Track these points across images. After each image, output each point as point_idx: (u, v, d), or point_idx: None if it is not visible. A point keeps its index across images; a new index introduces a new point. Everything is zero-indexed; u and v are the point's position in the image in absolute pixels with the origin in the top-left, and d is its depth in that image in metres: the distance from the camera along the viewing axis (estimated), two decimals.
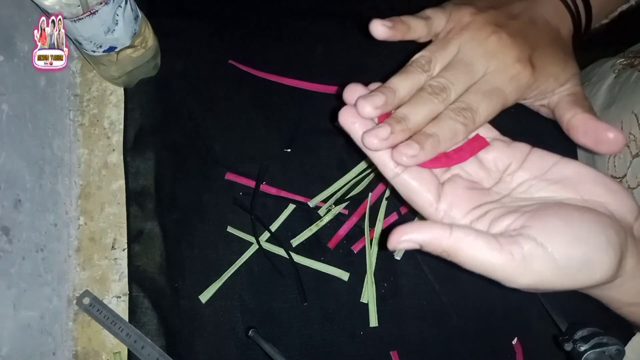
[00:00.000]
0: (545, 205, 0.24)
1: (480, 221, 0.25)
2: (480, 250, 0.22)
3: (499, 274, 0.22)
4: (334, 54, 0.52)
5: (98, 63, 0.45)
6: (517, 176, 0.26)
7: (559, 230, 0.22)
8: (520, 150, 0.27)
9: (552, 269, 0.22)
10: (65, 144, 0.48)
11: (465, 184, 0.26)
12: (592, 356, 0.35)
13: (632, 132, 0.42)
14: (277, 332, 0.44)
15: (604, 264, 0.22)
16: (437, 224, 0.23)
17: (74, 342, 0.45)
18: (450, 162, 0.27)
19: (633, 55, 0.48)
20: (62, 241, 0.46)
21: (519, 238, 0.22)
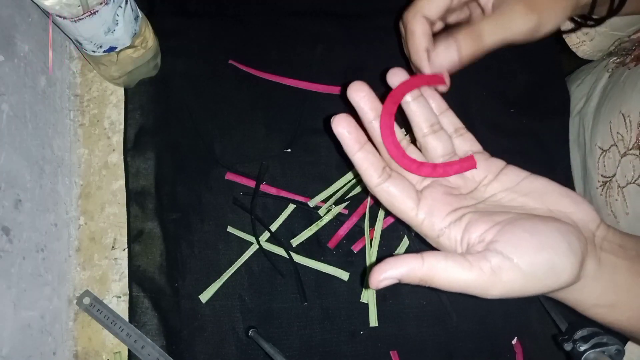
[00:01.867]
0: (514, 218, 0.26)
1: (457, 224, 0.27)
2: (452, 272, 0.24)
3: (473, 289, 0.24)
4: (334, 54, 0.52)
5: (98, 63, 0.45)
6: (491, 187, 0.29)
7: (523, 241, 0.24)
8: (496, 165, 0.30)
9: (519, 278, 0.24)
10: (65, 144, 0.48)
11: (443, 190, 0.29)
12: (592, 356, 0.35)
13: (620, 131, 0.42)
14: (277, 331, 0.45)
15: (566, 267, 0.24)
16: (409, 256, 0.25)
17: (74, 342, 0.45)
18: (435, 173, 0.29)
19: (625, 53, 0.48)
20: (63, 241, 0.46)
21: (487, 253, 0.24)
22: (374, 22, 0.54)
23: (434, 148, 0.30)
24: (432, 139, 0.30)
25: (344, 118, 0.28)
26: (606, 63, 0.50)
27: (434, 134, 0.30)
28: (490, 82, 0.52)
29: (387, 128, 0.28)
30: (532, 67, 0.53)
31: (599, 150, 0.45)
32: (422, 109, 0.30)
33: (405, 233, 0.47)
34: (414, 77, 0.30)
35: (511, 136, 0.51)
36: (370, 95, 0.29)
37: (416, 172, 0.29)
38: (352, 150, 0.28)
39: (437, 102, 0.31)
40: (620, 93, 0.44)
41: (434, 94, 0.31)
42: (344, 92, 0.29)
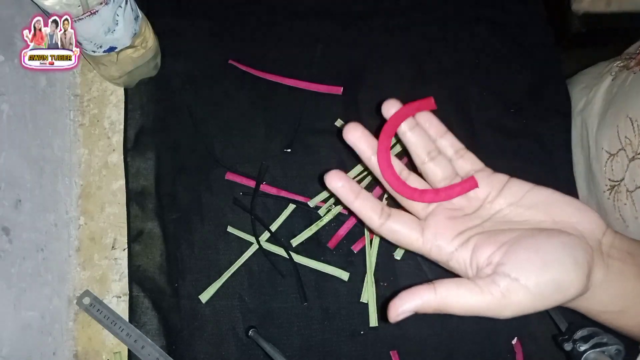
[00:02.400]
0: (519, 237, 0.26)
1: (464, 248, 0.27)
2: (464, 299, 0.25)
3: (486, 312, 0.25)
4: (334, 54, 0.52)
5: (98, 63, 0.45)
6: (496, 203, 0.29)
7: (529, 262, 0.25)
8: (499, 180, 0.30)
9: (528, 298, 0.25)
10: (65, 144, 0.48)
11: (446, 214, 0.29)
12: (592, 356, 0.35)
13: (628, 135, 0.42)
14: (277, 331, 0.45)
15: (573, 283, 0.25)
16: (422, 289, 0.26)
17: (74, 342, 0.45)
18: (437, 198, 0.30)
19: (628, 57, 0.48)
20: (63, 241, 0.46)
21: (496, 277, 0.25)
22: (373, 22, 0.54)
23: (434, 174, 0.30)
24: (431, 166, 0.30)
25: (335, 174, 0.29)
26: (609, 66, 0.50)
27: (432, 160, 0.30)
28: (491, 82, 0.52)
29: (385, 162, 0.30)
30: (533, 68, 0.53)
31: (605, 154, 0.45)
32: (418, 139, 0.31)
33: None
34: (404, 107, 0.30)
35: (511, 136, 0.51)
36: (365, 133, 0.30)
37: (419, 199, 0.30)
38: (349, 201, 0.29)
39: (435, 126, 0.31)
40: (627, 97, 0.44)
41: (431, 118, 0.31)
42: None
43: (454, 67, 0.53)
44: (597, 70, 0.53)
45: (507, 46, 0.54)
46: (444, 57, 0.53)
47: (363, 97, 0.50)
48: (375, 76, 0.52)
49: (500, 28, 0.54)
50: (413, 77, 0.52)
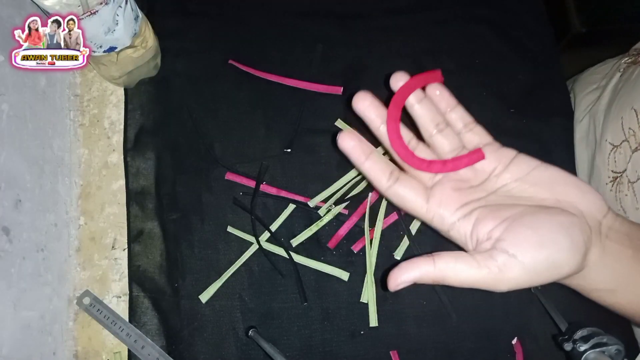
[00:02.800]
0: (520, 214, 0.27)
1: (467, 219, 0.28)
2: (462, 272, 0.26)
3: (482, 286, 0.26)
4: (334, 54, 0.52)
5: (98, 63, 0.45)
6: (502, 178, 0.29)
7: (526, 239, 0.26)
8: (506, 155, 0.30)
9: (524, 273, 0.25)
10: (65, 144, 0.48)
11: (452, 185, 0.29)
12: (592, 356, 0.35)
13: (632, 127, 0.42)
14: (277, 331, 0.45)
15: (568, 262, 0.26)
16: (421, 260, 0.27)
17: (74, 342, 0.45)
18: (445, 169, 0.30)
19: (637, 53, 0.48)
20: (63, 241, 0.46)
21: (494, 252, 0.26)
22: (373, 22, 0.54)
23: (442, 145, 0.31)
24: (439, 138, 0.31)
25: (347, 134, 0.29)
26: (618, 63, 0.51)
27: (440, 133, 0.31)
28: (491, 82, 0.52)
29: (394, 133, 0.30)
30: (533, 68, 0.53)
31: (609, 146, 0.46)
32: (426, 111, 0.31)
33: (405, 233, 0.47)
34: (413, 79, 0.30)
35: (511, 136, 0.51)
36: (374, 102, 0.30)
37: (427, 169, 0.30)
38: (360, 162, 0.30)
39: (446, 99, 0.31)
40: (632, 90, 0.44)
41: (442, 90, 0.31)
42: (348, 95, 0.30)
43: (454, 68, 0.53)
44: (606, 70, 0.53)
45: (507, 46, 0.54)
46: (444, 57, 0.53)
47: None
48: (375, 76, 0.52)
49: (500, 28, 0.54)
50: None
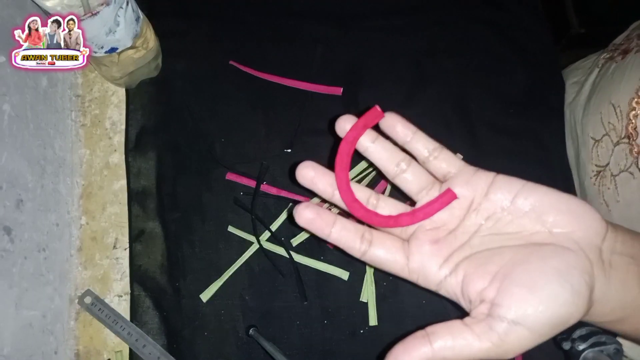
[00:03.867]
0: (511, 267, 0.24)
1: (453, 276, 0.26)
2: (463, 349, 0.24)
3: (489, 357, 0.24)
4: (334, 55, 0.52)
5: (100, 64, 0.45)
6: (482, 210, 0.26)
7: (524, 301, 0.23)
8: (482, 180, 0.26)
9: (529, 337, 0.23)
10: (67, 144, 0.49)
11: (429, 237, 0.27)
12: (590, 355, 0.35)
13: (611, 121, 0.43)
14: (277, 330, 0.45)
15: (573, 313, 0.24)
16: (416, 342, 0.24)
17: (76, 341, 0.45)
18: (414, 219, 0.27)
19: (614, 48, 0.48)
20: (64, 241, 0.46)
21: (492, 322, 0.24)
22: (373, 23, 0.54)
23: (408, 186, 0.28)
24: (403, 178, 0.28)
25: (304, 208, 0.27)
26: (597, 59, 0.51)
27: (403, 172, 0.28)
28: (490, 82, 0.53)
29: (348, 197, 0.27)
30: (531, 67, 0.53)
31: (591, 141, 0.46)
32: (382, 152, 0.28)
33: None
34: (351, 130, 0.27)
35: (510, 136, 0.51)
36: (319, 171, 0.27)
37: (395, 225, 0.27)
38: (325, 234, 0.27)
39: (401, 130, 0.27)
40: (609, 84, 0.45)
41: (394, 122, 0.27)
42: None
43: (454, 68, 0.53)
44: (587, 65, 0.53)
45: (506, 47, 0.54)
46: (443, 57, 0.53)
47: (363, 98, 0.51)
48: (375, 76, 0.52)
49: (500, 28, 0.54)
50: (412, 78, 0.52)
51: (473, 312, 0.25)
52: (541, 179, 0.27)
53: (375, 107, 0.27)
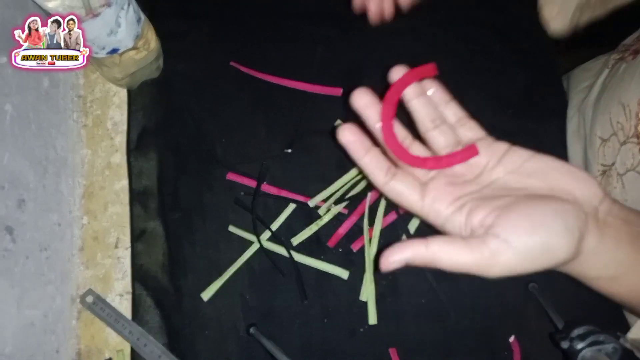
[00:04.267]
0: (513, 202, 0.27)
1: (460, 212, 0.28)
2: (454, 255, 0.26)
3: (474, 270, 0.26)
4: (334, 55, 0.53)
5: (101, 65, 0.45)
6: (496, 171, 0.30)
7: (519, 224, 0.26)
8: (499, 148, 0.30)
9: (516, 258, 0.25)
10: (68, 145, 0.49)
11: (446, 181, 0.30)
12: (589, 354, 0.36)
13: (620, 120, 0.43)
14: (277, 329, 0.45)
15: (562, 247, 0.26)
16: (415, 242, 0.27)
17: (77, 340, 0.46)
18: (439, 165, 0.30)
19: (625, 49, 0.49)
20: (66, 240, 0.47)
21: (486, 237, 0.26)
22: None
23: (437, 141, 0.31)
24: (434, 134, 0.31)
25: (348, 129, 0.30)
26: (607, 59, 0.51)
27: (436, 128, 0.31)
28: (488, 83, 0.53)
29: (388, 131, 0.30)
30: (529, 69, 0.54)
31: (599, 140, 0.46)
32: (422, 107, 0.31)
33: (403, 232, 0.48)
34: (406, 74, 0.31)
35: (509, 137, 0.50)
36: (372, 100, 0.31)
37: (421, 166, 0.30)
38: (359, 156, 0.30)
39: (439, 94, 0.32)
40: (619, 84, 0.45)
41: (436, 87, 0.32)
42: (348, 97, 0.31)
43: (452, 69, 0.53)
44: (596, 67, 0.53)
45: (504, 48, 0.54)
46: (441, 59, 0.53)
47: None
48: (374, 77, 0.52)
49: (498, 30, 0.55)
50: None
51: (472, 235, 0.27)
52: None
53: (433, 63, 0.31)
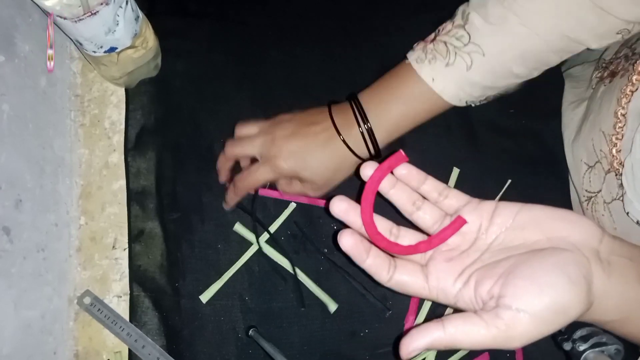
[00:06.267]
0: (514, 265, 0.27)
1: (467, 287, 0.29)
2: (472, 335, 0.26)
3: (495, 345, 0.26)
4: (334, 55, 0.52)
5: (99, 63, 0.45)
6: (490, 232, 0.30)
7: (525, 290, 0.26)
8: (487, 208, 0.30)
9: (532, 325, 0.25)
10: (66, 144, 0.48)
11: (444, 257, 0.31)
12: (591, 355, 0.35)
13: (602, 149, 0.42)
14: (277, 331, 0.45)
15: (572, 302, 0.26)
16: (431, 327, 0.27)
17: (75, 342, 0.45)
18: (431, 245, 0.31)
19: (605, 66, 0.47)
20: (63, 241, 0.46)
21: (498, 310, 0.26)
22: (373, 23, 0.54)
23: (424, 221, 0.32)
24: (419, 215, 0.32)
25: (349, 234, 0.30)
26: (591, 77, 0.50)
27: (419, 209, 0.32)
28: None
29: (372, 231, 0.31)
30: None
31: (584, 166, 0.45)
32: (400, 194, 0.32)
33: None
34: (377, 170, 0.31)
35: (511, 136, 0.51)
36: (349, 205, 0.31)
37: (415, 252, 0.31)
38: (362, 260, 0.31)
39: (415, 177, 0.32)
40: (599, 110, 0.43)
41: (409, 170, 0.32)
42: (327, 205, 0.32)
43: None
44: (584, 82, 0.52)
45: None
46: None
47: None
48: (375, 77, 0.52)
49: None
50: None
51: (484, 308, 0.27)
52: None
53: (400, 151, 0.32)
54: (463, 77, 0.40)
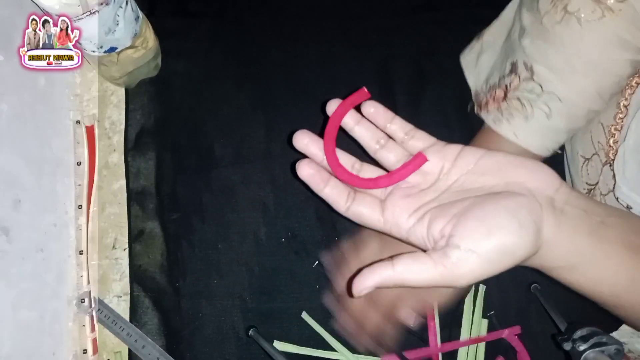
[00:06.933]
0: (468, 206, 0.28)
1: (420, 223, 0.29)
2: (420, 273, 0.27)
3: (441, 283, 0.27)
4: (334, 54, 0.52)
5: (99, 63, 0.45)
6: (451, 174, 0.30)
7: (474, 231, 0.26)
8: (451, 151, 0.31)
9: (479, 265, 0.26)
10: (65, 144, 0.48)
11: (402, 193, 0.31)
12: (591, 355, 0.35)
13: (600, 141, 0.42)
14: (277, 331, 0.45)
15: (519, 244, 0.26)
16: (381, 266, 0.27)
17: (74, 342, 0.45)
18: (392, 181, 0.31)
19: None
20: (62, 241, 0.46)
21: (447, 249, 0.27)
22: (373, 22, 0.54)
23: (387, 159, 0.32)
24: (383, 153, 0.32)
25: (306, 163, 0.31)
26: None
27: (382, 148, 0.32)
28: None
29: (334, 162, 0.31)
30: None
31: (581, 159, 0.45)
32: (364, 131, 0.32)
33: None
34: (340, 106, 0.32)
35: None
36: (312, 138, 0.32)
37: (375, 186, 0.31)
38: (319, 189, 0.31)
39: (382, 114, 0.32)
40: None
41: (377, 108, 0.32)
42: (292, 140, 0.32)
43: (454, 67, 0.53)
44: None
45: None
46: (443, 57, 0.53)
47: None
48: (375, 77, 0.52)
49: None
50: (413, 78, 0.52)
51: (435, 247, 0.28)
52: None
53: (363, 88, 0.32)
54: (545, 126, 0.39)
